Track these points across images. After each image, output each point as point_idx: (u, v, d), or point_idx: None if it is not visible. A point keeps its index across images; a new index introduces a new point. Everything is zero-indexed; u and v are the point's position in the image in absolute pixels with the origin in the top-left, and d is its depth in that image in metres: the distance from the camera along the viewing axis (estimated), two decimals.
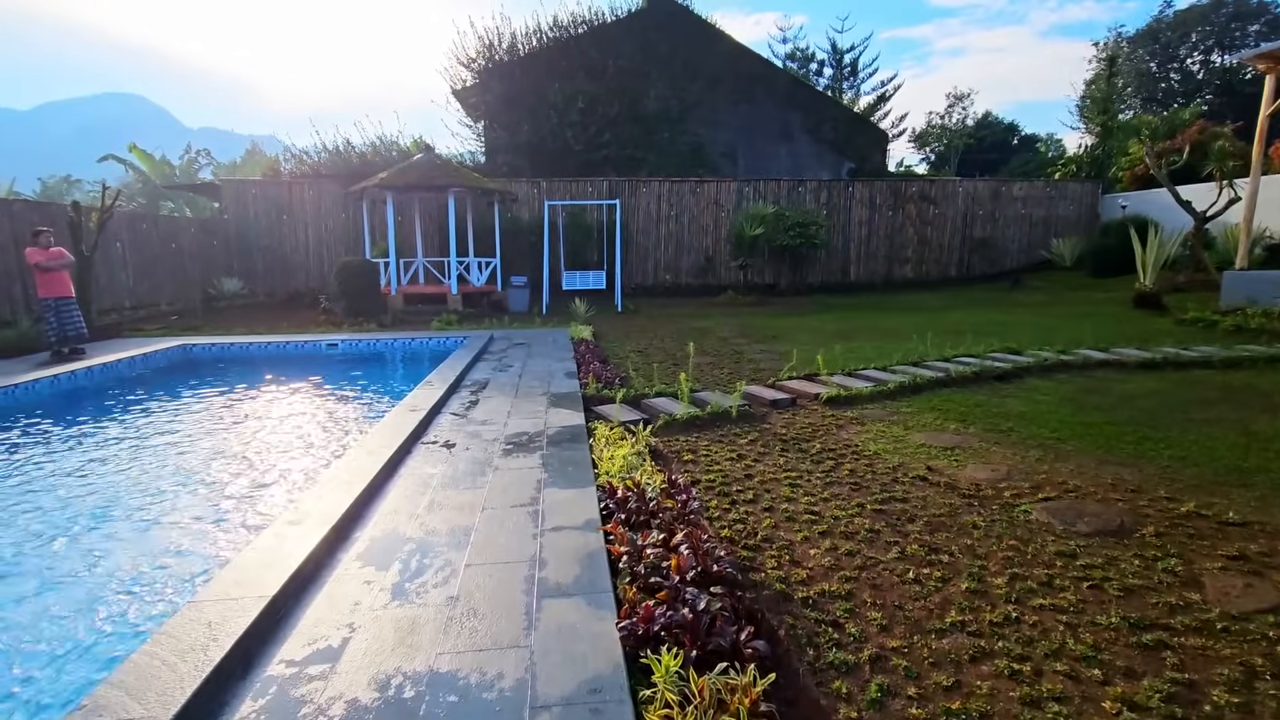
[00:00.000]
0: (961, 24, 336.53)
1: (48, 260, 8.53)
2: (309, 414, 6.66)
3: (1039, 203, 19.65)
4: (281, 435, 5.83)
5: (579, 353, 8.72)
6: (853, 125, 21.26)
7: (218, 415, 6.52)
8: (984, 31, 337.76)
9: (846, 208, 18.68)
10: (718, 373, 7.73)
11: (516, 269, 16.49)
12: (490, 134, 18.77)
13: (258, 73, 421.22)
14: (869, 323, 12.15)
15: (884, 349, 8.87)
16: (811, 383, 6.80)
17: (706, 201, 18.00)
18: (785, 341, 9.95)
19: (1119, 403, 5.93)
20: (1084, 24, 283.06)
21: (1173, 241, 13.51)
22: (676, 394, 6.35)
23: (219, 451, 5.41)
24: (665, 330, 11.57)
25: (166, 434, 5.89)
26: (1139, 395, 6.17)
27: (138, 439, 5.70)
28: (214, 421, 6.31)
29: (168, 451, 5.39)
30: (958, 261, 19.53)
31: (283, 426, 6.11)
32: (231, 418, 6.42)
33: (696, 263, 18.17)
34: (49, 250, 8.62)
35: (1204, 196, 14.30)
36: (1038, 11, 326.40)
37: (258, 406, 6.95)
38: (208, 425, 6.18)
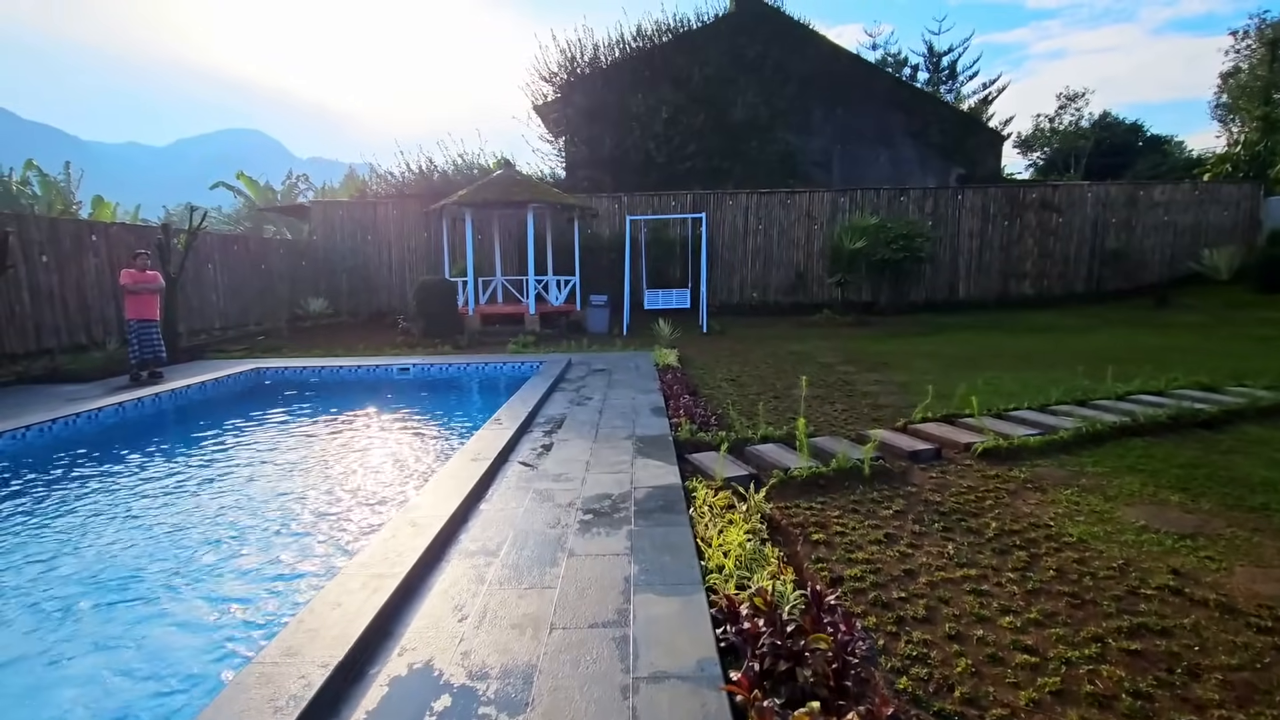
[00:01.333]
0: (1062, 25, 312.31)
1: (134, 284, 8.45)
2: (365, 456, 5.99)
3: (1184, 208, 17.18)
4: (323, 492, 5.09)
5: (665, 382, 7.76)
6: (962, 127, 19.45)
7: (265, 457, 5.96)
8: (1087, 32, 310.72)
9: (955, 218, 16.94)
10: (829, 410, 6.56)
11: (596, 287, 15.79)
12: (571, 149, 18.32)
13: (360, 106, 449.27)
14: (994, 346, 10.57)
15: (1027, 380, 7.42)
16: (954, 427, 5.53)
17: (798, 214, 16.76)
18: (900, 370, 8.62)
19: None
20: (1203, 18, 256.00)
21: None
22: (788, 439, 5.27)
23: (246, 509, 4.77)
24: (758, 355, 10.45)
25: (208, 476, 5.36)
26: None
27: (177, 484, 5.18)
28: (259, 464, 5.75)
29: (197, 501, 4.81)
30: (1085, 276, 17.31)
31: (331, 475, 5.43)
32: (276, 466, 5.81)
33: (786, 280, 16.92)
34: (143, 273, 8.57)
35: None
36: (1148, 8, 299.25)
37: (313, 450, 6.36)
38: (250, 470, 5.61)
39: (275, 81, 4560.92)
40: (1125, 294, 17.03)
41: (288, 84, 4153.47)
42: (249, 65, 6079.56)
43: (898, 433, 5.50)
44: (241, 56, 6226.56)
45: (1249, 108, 19.18)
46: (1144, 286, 17.19)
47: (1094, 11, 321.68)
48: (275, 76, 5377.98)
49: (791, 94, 18.43)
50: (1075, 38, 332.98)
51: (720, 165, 17.78)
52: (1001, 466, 4.66)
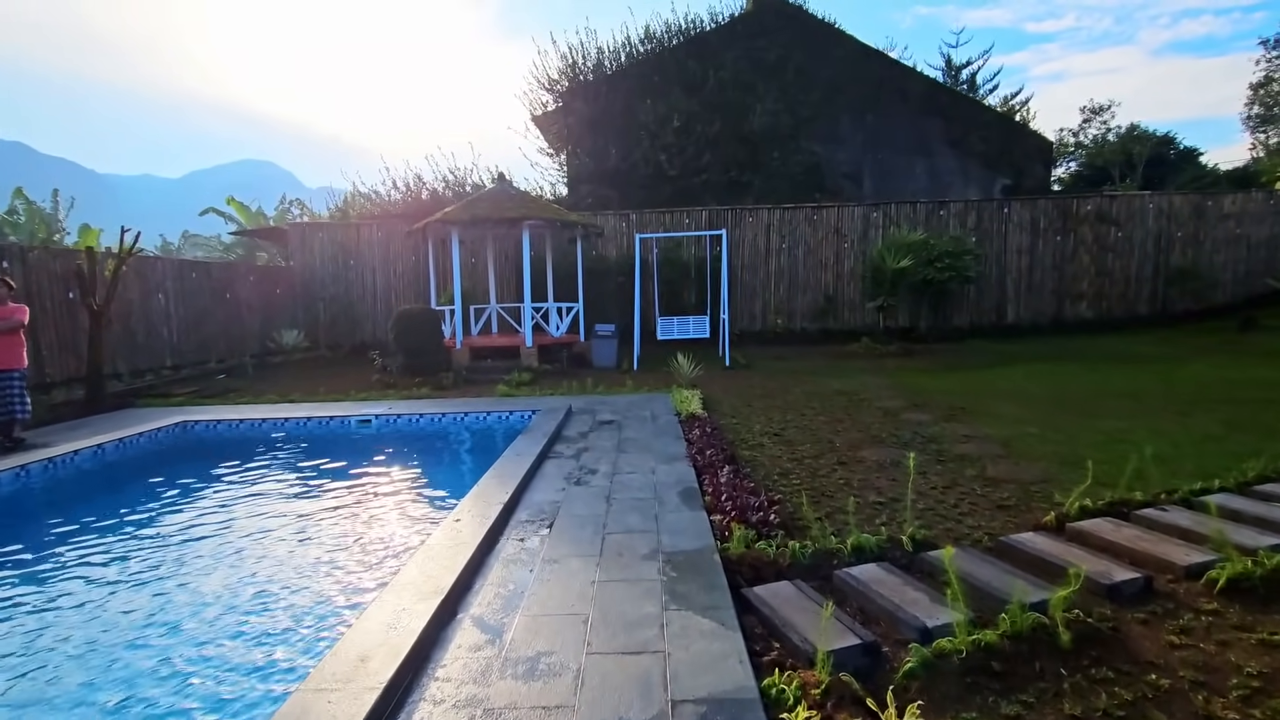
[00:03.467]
0: (1060, 48, 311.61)
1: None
2: (253, 596, 4.21)
3: (1259, 220, 15.40)
4: None
5: (691, 439, 5.97)
6: (1007, 133, 17.80)
7: (112, 588, 4.19)
8: (1087, 54, 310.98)
9: (1001, 233, 15.20)
10: (924, 486, 4.74)
11: (602, 315, 14.08)
12: (573, 162, 16.75)
13: (374, 137, 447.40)
14: (1082, 382, 8.74)
15: (1171, 437, 5.58)
16: (1138, 527, 3.70)
17: (825, 231, 15.07)
18: (986, 419, 6.79)
19: None
20: (1203, 39, 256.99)
21: None
22: (892, 547, 3.47)
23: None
24: (796, 395, 8.64)
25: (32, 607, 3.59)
26: None
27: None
28: (103, 599, 3.97)
29: None
30: (1149, 296, 15.48)
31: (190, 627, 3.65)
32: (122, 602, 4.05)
33: (814, 304, 15.17)
34: None
35: None
36: (1147, 30, 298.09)
37: (189, 565, 4.60)
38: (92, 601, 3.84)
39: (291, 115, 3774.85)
40: (1195, 316, 15.18)
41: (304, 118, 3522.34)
42: (264, 99, 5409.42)
43: (1054, 537, 3.67)
44: (257, 91, 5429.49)
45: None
46: (1216, 308, 15.35)
47: (1093, 35, 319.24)
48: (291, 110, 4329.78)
49: (816, 100, 16.86)
50: (1075, 60, 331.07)
51: (738, 178, 16.16)
52: (1270, 613, 2.83)
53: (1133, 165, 22.94)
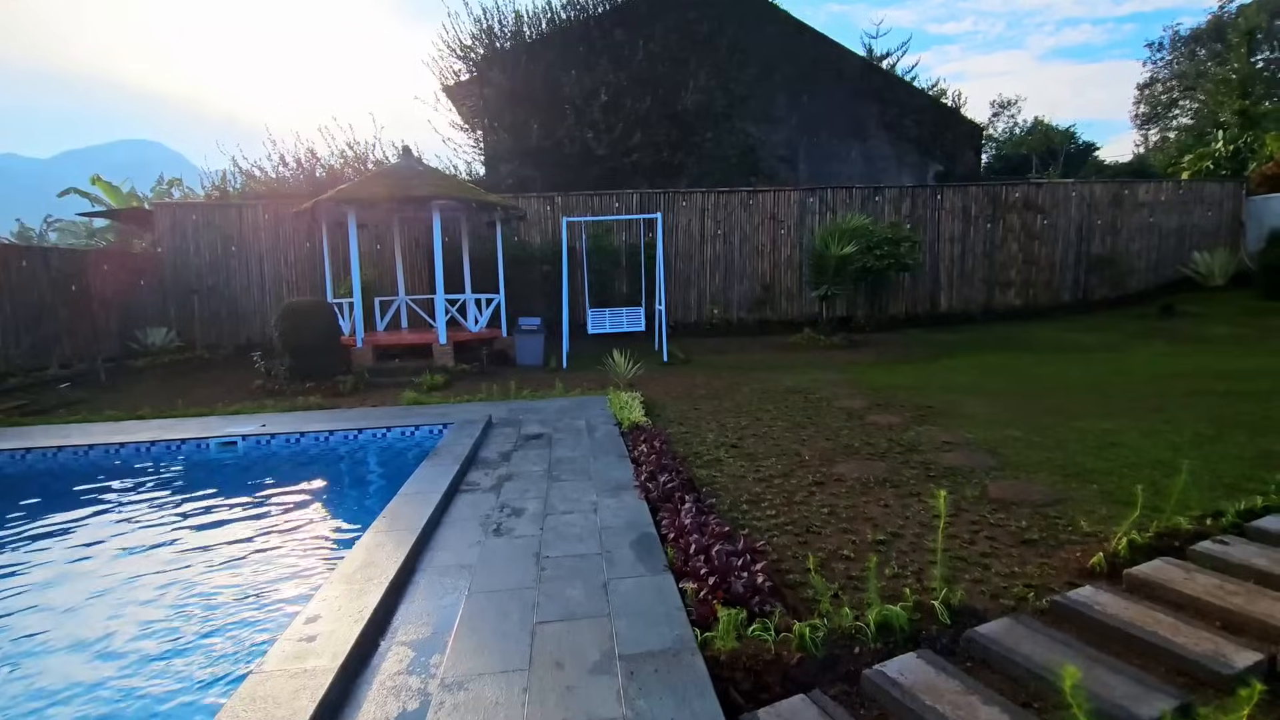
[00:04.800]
0: (961, 50, 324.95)
1: None
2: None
3: (1170, 209, 15.87)
4: None
5: (638, 457, 4.96)
6: (939, 118, 17.65)
7: None
8: (984, 56, 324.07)
9: (934, 220, 14.97)
10: (922, 513, 3.90)
11: (526, 308, 12.83)
12: (491, 139, 15.26)
13: (274, 114, 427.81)
14: (1039, 376, 8.32)
15: (1166, 438, 5.02)
16: (1205, 571, 2.96)
17: (762, 216, 14.36)
18: (958, 419, 6.12)
19: None
20: (1081, 46, 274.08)
21: None
22: (923, 622, 2.57)
23: None
24: (746, 396, 7.78)
25: None
26: None
27: None
28: None
29: None
30: (1072, 284, 15.70)
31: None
32: None
33: (751, 293, 14.46)
34: None
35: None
36: (1034, 36, 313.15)
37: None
38: None
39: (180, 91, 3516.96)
40: (1114, 302, 15.50)
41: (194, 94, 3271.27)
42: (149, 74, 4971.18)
43: (1116, 590, 2.87)
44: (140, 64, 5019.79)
45: (1227, 100, 18.32)
46: (1131, 294, 15.75)
47: (988, 39, 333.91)
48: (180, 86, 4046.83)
49: (750, 78, 16.09)
50: (973, 62, 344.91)
51: (671, 160, 15.20)
52: None
53: (1054, 154, 23.63)
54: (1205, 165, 17.32)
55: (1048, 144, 24.85)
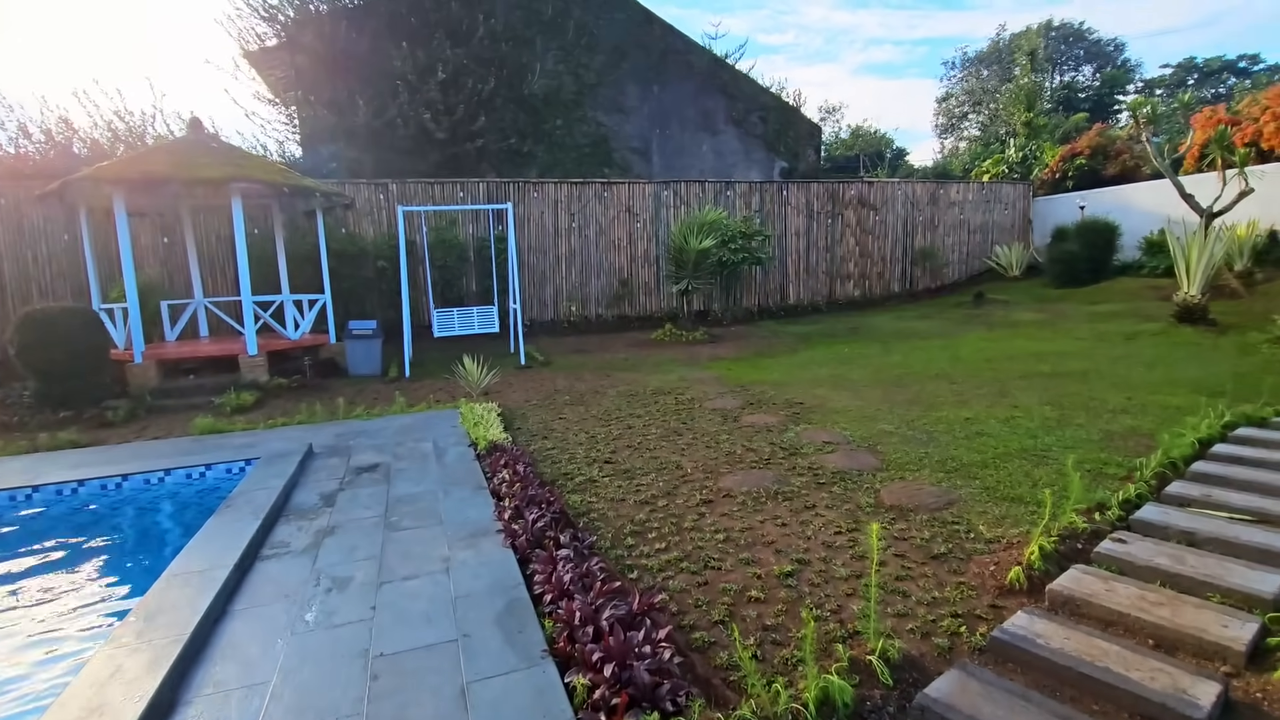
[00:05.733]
0: (786, 60, 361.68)
1: None
2: None
3: (976, 207, 17.67)
4: None
5: (500, 487, 4.16)
6: (783, 116, 18.21)
7: None
8: (806, 68, 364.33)
9: (782, 215, 15.42)
10: (830, 533, 3.53)
11: (360, 309, 11.34)
12: (307, 115, 13.29)
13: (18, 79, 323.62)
14: (890, 364, 8.59)
15: (1020, 424, 5.16)
16: (1122, 579, 2.81)
17: (617, 209, 13.90)
18: (831, 415, 5.99)
19: None
20: (886, 64, 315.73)
21: (1247, 240, 11.63)
22: (871, 679, 2.10)
23: None
24: (614, 399, 7.20)
25: None
26: None
27: None
28: None
29: None
30: (900, 275, 16.97)
31: None
32: None
33: (609, 289, 13.96)
34: None
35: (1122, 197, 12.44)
36: (848, 51, 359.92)
37: None
38: None
39: None
40: (935, 292, 16.99)
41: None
42: None
43: (1045, 611, 2.61)
44: None
45: (1016, 112, 20.78)
46: (948, 285, 17.37)
47: (808, 51, 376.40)
48: None
49: (600, 64, 15.51)
50: (798, 72, 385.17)
51: (519, 148, 14.23)
52: None
53: (880, 157, 25.55)
54: (1001, 170, 19.61)
55: (876, 147, 26.94)
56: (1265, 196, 11.70)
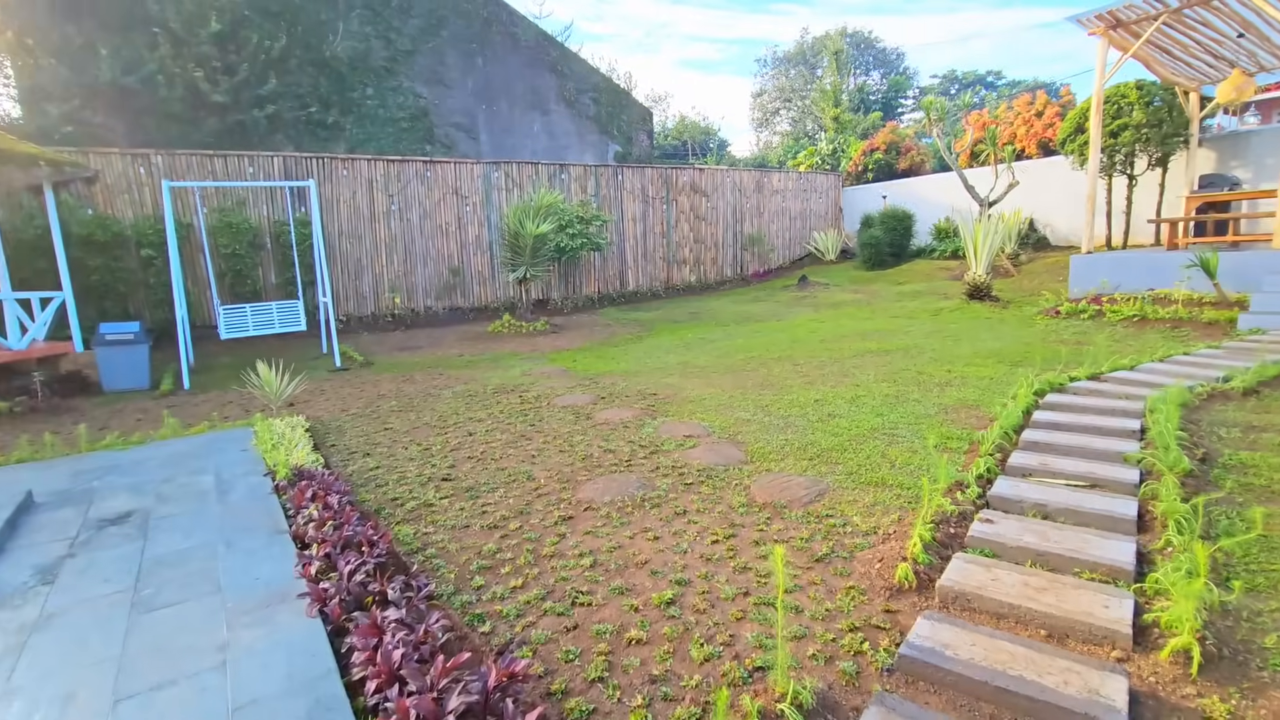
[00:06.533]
0: (610, 49, 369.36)
1: None
2: None
3: (795, 195, 18.81)
4: None
5: (304, 530, 3.30)
6: (615, 98, 17.85)
7: None
8: (630, 57, 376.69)
9: (618, 200, 15.19)
10: (708, 541, 3.18)
11: (119, 309, 9.25)
12: (27, 65, 10.39)
13: None
14: (733, 348, 8.64)
15: (865, 402, 5.26)
16: (1002, 565, 2.75)
17: (444, 190, 12.75)
18: (687, 405, 5.74)
19: None
20: (703, 60, 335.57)
21: (1013, 226, 13.09)
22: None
23: None
24: (450, 402, 6.41)
25: None
26: None
27: None
28: None
29: None
30: (733, 260, 17.60)
31: None
32: None
33: (438, 278, 12.81)
34: None
35: (897, 190, 14.17)
36: (668, 44, 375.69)
37: None
38: None
39: None
40: (763, 276, 17.84)
41: None
42: None
43: (939, 611, 2.44)
44: None
45: (826, 108, 22.37)
46: (775, 268, 18.34)
47: (629, 42, 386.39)
48: None
49: (416, 31, 14.04)
50: (622, 62, 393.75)
51: (323, 118, 12.48)
52: None
53: (707, 146, 26.30)
54: (815, 161, 21.10)
55: (701, 137, 27.77)
56: (1024, 189, 13.56)
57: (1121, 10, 9.02)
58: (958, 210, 15.26)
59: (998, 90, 39.34)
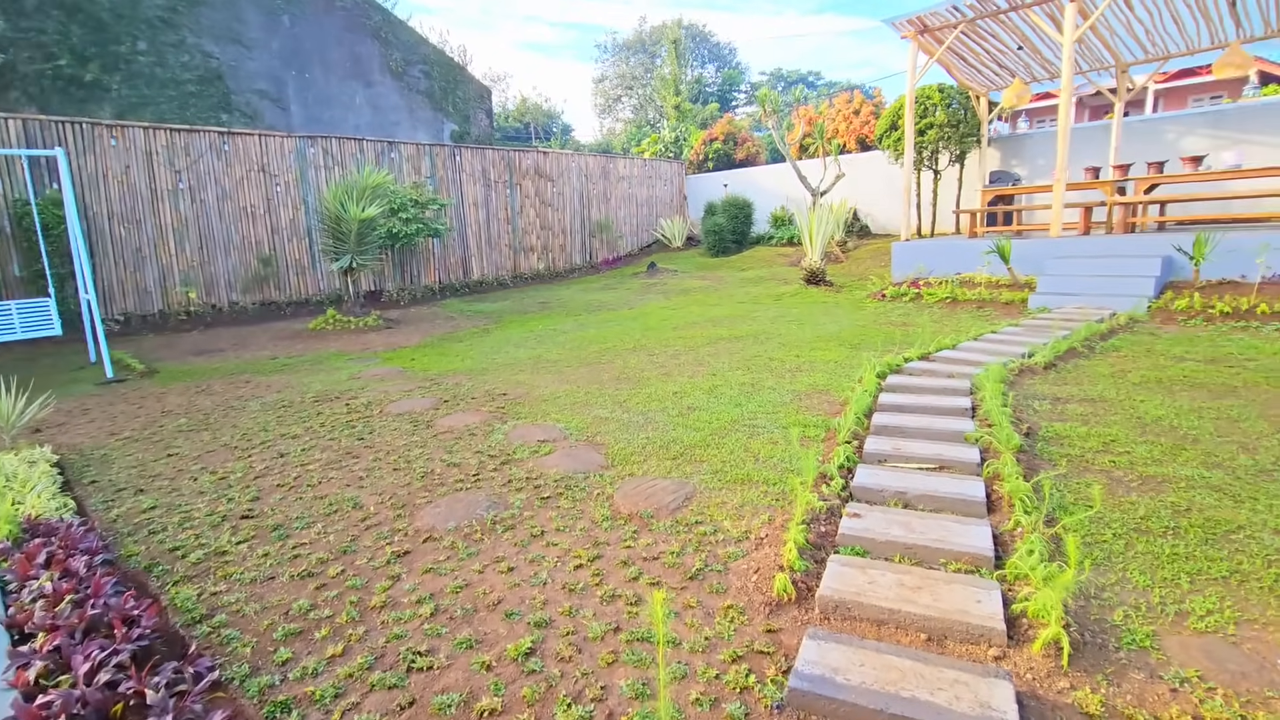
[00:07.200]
0: (444, 23, 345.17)
1: None
2: None
3: (641, 182, 18.86)
4: None
5: (26, 614, 2.44)
6: (449, 73, 16.51)
7: None
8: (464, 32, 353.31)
9: (457, 183, 14.20)
10: (569, 568, 2.81)
11: None
12: None
13: None
14: (587, 339, 8.32)
15: (723, 393, 5.19)
16: (875, 564, 2.67)
17: (248, 167, 11.07)
18: (540, 405, 5.32)
19: None
20: (543, 43, 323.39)
21: (840, 215, 13.83)
22: None
23: None
24: (258, 415, 5.44)
25: None
26: None
27: None
28: None
29: None
30: (581, 247, 17.27)
31: None
32: None
33: (244, 268, 11.13)
34: None
35: (740, 179, 14.98)
36: (506, 24, 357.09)
37: None
38: None
39: None
40: (612, 263, 17.73)
41: None
42: None
43: (827, 634, 2.27)
44: None
45: (668, 96, 22.55)
46: (624, 255, 18.30)
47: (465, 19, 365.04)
48: None
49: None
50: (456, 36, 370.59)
51: (77, 74, 10.23)
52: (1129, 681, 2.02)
53: (550, 131, 25.57)
54: (658, 149, 21.29)
55: (544, 120, 26.99)
56: (848, 180, 14.59)
57: (928, 16, 9.82)
58: (792, 199, 16.13)
59: (818, 89, 42.54)
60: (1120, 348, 6.01)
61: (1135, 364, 5.44)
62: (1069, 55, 8.65)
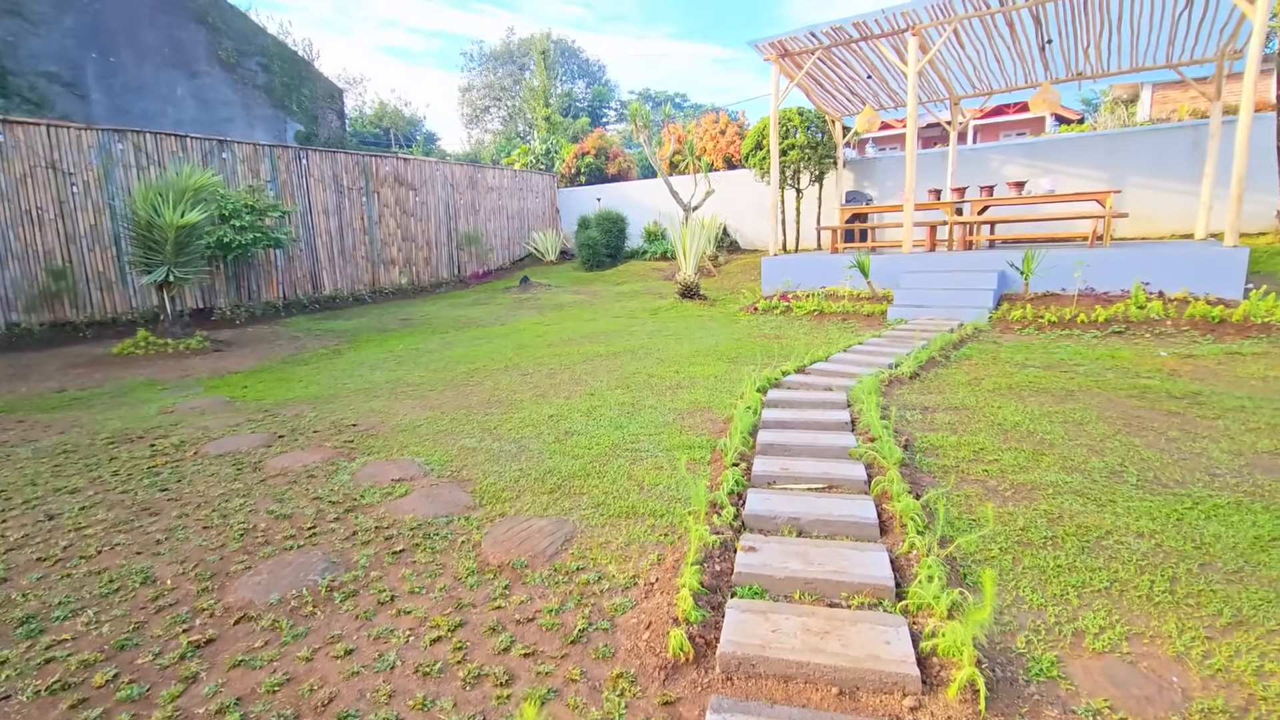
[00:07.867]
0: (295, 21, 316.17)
1: None
2: None
3: (511, 194, 18.25)
4: None
5: None
6: (294, 69, 14.92)
7: None
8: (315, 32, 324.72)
9: (304, 188, 12.87)
10: (426, 642, 2.30)
11: None
12: None
13: None
14: (453, 359, 7.67)
15: (601, 416, 4.88)
16: (779, 609, 2.42)
17: (32, 162, 9.27)
18: (399, 435, 4.70)
19: None
20: (403, 49, 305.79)
21: (711, 231, 13.93)
22: None
23: None
24: (28, 467, 4.35)
25: None
26: None
27: None
28: None
29: None
30: (449, 260, 16.34)
31: None
32: None
33: (29, 283, 9.29)
34: None
35: (609, 194, 15.15)
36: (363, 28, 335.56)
37: None
38: None
39: None
40: (482, 277, 16.96)
41: None
42: None
43: (731, 705, 1.97)
44: None
45: (537, 107, 22.04)
46: (495, 269, 17.57)
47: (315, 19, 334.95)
48: None
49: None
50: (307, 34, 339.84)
51: None
52: None
53: (412, 138, 24.20)
54: (529, 160, 20.77)
55: (405, 127, 25.52)
56: (718, 197, 14.94)
57: (789, 41, 10.22)
58: (665, 214, 16.26)
59: (685, 110, 43.99)
60: (971, 356, 6.38)
61: (986, 371, 5.76)
62: (913, 84, 9.32)
